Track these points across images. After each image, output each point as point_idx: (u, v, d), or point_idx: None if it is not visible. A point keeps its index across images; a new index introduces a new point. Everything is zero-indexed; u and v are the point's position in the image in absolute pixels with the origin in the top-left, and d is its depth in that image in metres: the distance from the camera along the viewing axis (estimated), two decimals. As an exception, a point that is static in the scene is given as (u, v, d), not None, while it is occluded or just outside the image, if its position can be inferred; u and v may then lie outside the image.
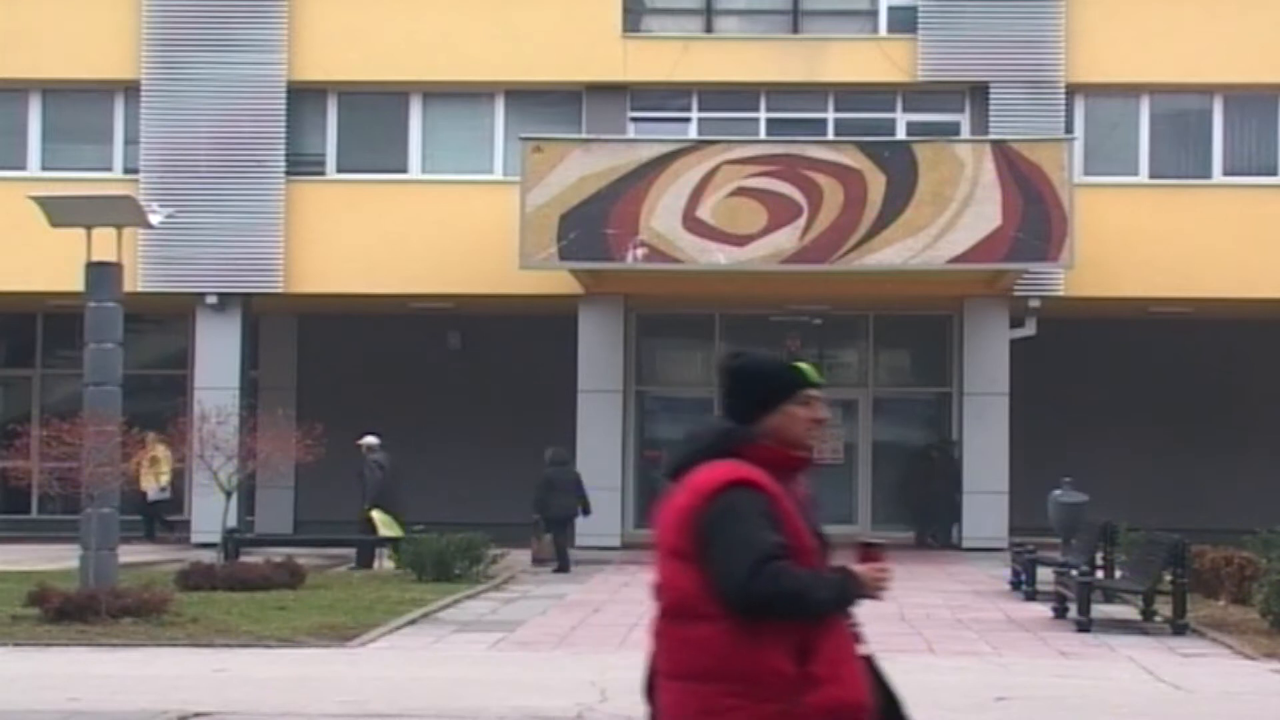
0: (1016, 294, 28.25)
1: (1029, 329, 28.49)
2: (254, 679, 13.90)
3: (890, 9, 29.31)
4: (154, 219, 21.07)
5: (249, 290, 28.93)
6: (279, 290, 28.91)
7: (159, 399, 29.20)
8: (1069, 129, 28.37)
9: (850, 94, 29.13)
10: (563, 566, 24.22)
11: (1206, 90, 29.08)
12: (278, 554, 23.04)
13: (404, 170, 29.41)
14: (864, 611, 4.99)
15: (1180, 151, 29.27)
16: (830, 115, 29.13)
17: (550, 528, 24.74)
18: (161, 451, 27.13)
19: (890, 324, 30.60)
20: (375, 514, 24.90)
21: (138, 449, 22.86)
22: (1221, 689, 13.76)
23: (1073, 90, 28.81)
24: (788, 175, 26.32)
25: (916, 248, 26.12)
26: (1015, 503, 28.20)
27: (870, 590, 4.96)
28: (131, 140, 29.22)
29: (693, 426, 5.16)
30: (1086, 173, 28.45)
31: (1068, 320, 29.31)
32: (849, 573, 4.95)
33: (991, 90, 28.59)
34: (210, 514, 23.67)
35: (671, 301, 29.36)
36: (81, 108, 29.82)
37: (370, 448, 25.28)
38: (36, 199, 20.33)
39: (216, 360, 28.73)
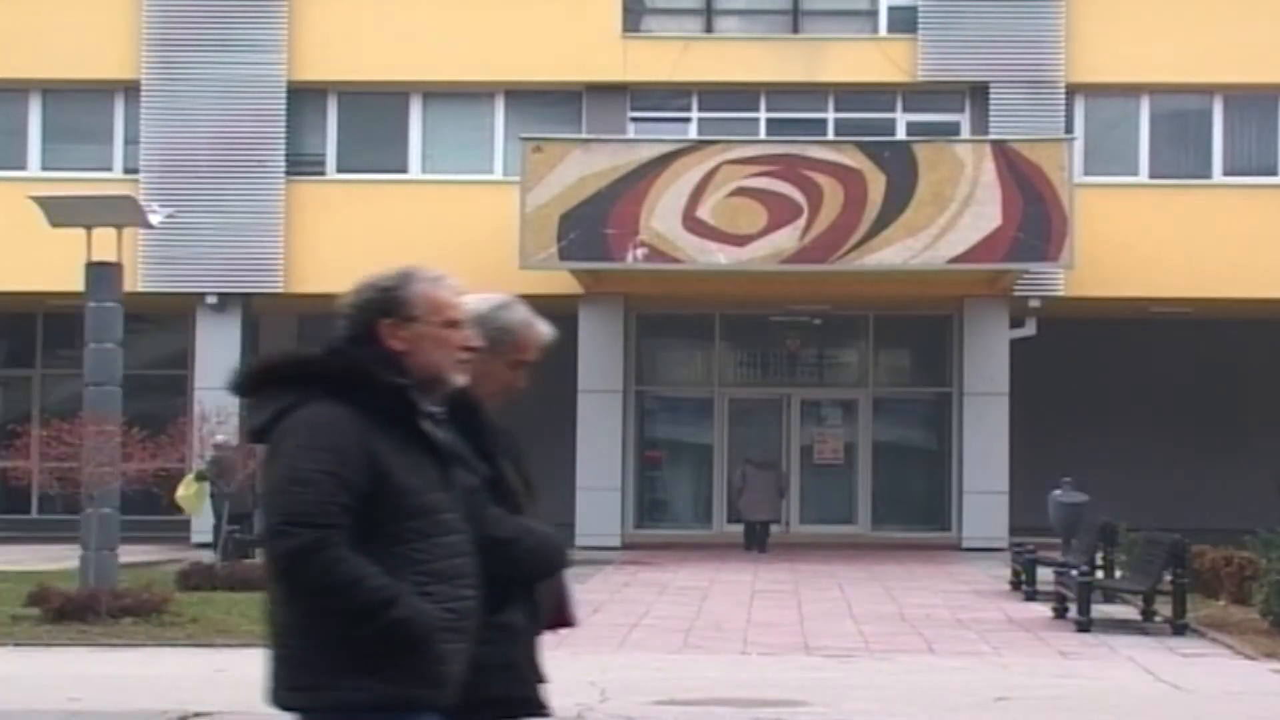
0: (1016, 294, 28.25)
1: (1029, 329, 28.49)
2: (254, 679, 13.82)
3: (890, 9, 29.31)
4: (154, 219, 21.07)
5: (249, 290, 28.93)
6: (279, 290, 28.90)
7: (159, 399, 29.19)
8: (1069, 129, 28.37)
9: (850, 94, 29.13)
10: None
11: (1206, 90, 29.07)
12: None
13: (404, 170, 29.41)
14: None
15: (1180, 151, 29.26)
16: (830, 115, 29.13)
17: None
18: None
19: (890, 324, 30.58)
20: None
21: None
22: (1221, 689, 13.75)
23: (1073, 90, 28.80)
24: (788, 175, 26.32)
25: (916, 248, 26.11)
26: (1015, 503, 28.20)
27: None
28: (131, 140, 29.22)
29: None
30: (1086, 173, 28.44)
31: (1068, 320, 29.31)
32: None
33: (991, 90, 28.59)
34: (210, 514, 23.65)
35: (671, 301, 29.35)
36: (81, 108, 29.82)
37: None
38: (36, 199, 20.32)
39: (216, 360, 28.61)
